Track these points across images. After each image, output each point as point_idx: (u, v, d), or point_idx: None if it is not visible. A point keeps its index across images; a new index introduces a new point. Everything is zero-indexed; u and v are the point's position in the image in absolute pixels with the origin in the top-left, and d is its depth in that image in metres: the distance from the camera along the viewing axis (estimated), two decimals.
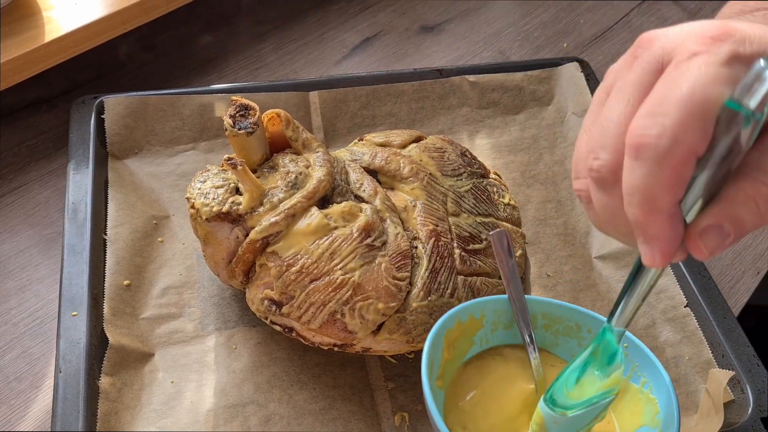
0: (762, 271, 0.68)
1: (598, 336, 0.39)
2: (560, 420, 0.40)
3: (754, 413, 0.54)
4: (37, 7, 0.70)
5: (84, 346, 0.54)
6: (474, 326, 0.49)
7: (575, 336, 0.50)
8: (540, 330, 0.50)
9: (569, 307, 0.50)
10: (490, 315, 0.49)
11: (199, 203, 0.54)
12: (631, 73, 0.31)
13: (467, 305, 0.48)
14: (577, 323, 0.50)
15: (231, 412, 0.53)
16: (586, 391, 0.39)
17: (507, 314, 0.49)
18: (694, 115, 0.28)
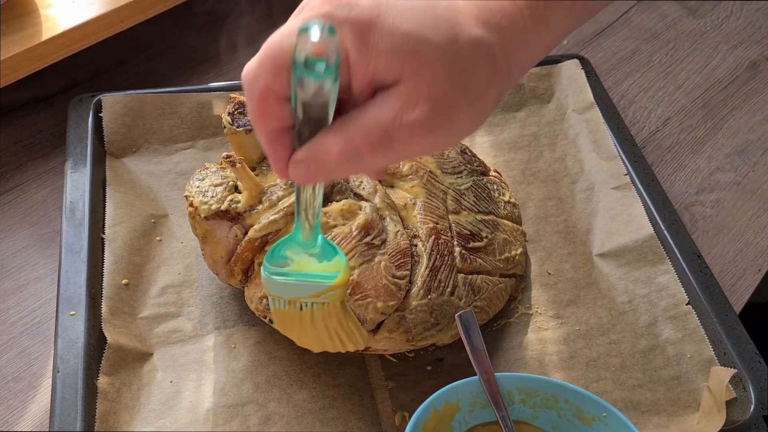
0: (763, 268, 0.68)
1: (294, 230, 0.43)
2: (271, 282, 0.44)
3: (756, 411, 0.54)
4: (34, 5, 0.69)
5: (82, 345, 0.53)
6: (451, 411, 0.49)
7: (554, 407, 0.50)
8: (518, 405, 0.50)
9: (543, 380, 0.50)
10: (466, 397, 0.49)
11: (197, 201, 0.54)
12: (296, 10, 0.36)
13: (440, 393, 0.48)
14: (553, 395, 0.50)
15: (230, 412, 0.53)
16: (302, 267, 0.44)
17: (482, 394, 0.49)
18: (266, 58, 0.33)
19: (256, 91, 0.34)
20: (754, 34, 0.90)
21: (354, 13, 0.33)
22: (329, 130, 0.35)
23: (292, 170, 0.36)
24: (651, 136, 0.78)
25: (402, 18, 0.33)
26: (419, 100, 0.33)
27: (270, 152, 0.36)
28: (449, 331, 0.55)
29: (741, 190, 0.74)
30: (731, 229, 0.71)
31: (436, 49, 0.33)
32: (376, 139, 0.34)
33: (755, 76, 0.85)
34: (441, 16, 0.34)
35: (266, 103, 0.34)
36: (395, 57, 0.33)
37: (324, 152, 0.35)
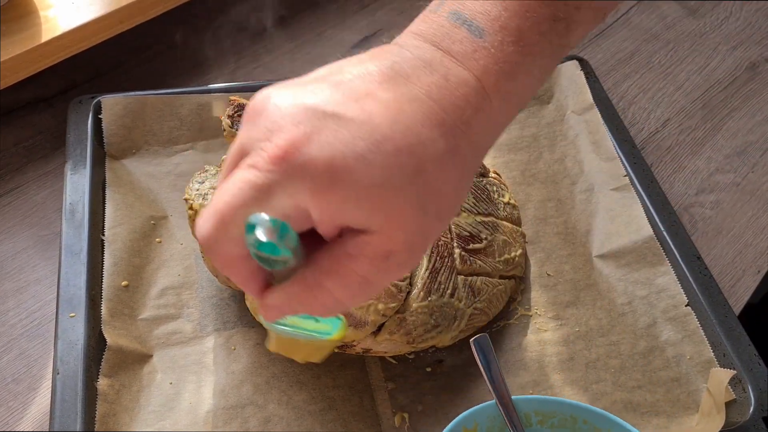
0: (763, 269, 0.68)
1: None
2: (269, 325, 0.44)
3: (756, 412, 0.54)
4: (34, 7, 0.69)
5: (82, 347, 0.53)
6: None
7: (571, 428, 0.50)
8: (535, 426, 0.50)
9: (561, 401, 0.50)
10: (483, 422, 0.49)
11: (197, 204, 0.54)
12: (232, 147, 0.34)
13: (459, 420, 0.48)
14: (571, 415, 0.50)
15: (230, 414, 0.53)
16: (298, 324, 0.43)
17: (499, 418, 0.49)
18: (223, 229, 0.32)
19: (217, 256, 0.33)
20: (754, 34, 0.90)
21: (309, 176, 0.30)
22: (303, 281, 0.33)
23: (265, 311, 0.35)
24: (650, 137, 0.78)
25: (362, 168, 0.30)
26: (394, 247, 0.32)
27: (247, 291, 0.36)
28: (449, 332, 0.55)
29: (740, 191, 0.74)
30: (731, 230, 0.71)
31: (402, 192, 0.31)
32: (356, 291, 0.33)
33: (755, 77, 0.85)
34: (404, 149, 0.31)
35: (232, 264, 0.33)
36: (361, 212, 0.31)
37: (300, 302, 0.34)
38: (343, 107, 0.31)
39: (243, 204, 0.31)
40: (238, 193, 0.31)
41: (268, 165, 0.31)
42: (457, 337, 0.56)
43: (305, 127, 0.31)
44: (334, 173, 0.30)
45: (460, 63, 0.34)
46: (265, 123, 0.32)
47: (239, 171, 0.32)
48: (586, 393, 0.56)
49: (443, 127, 0.32)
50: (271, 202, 0.31)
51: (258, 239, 0.30)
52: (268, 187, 0.31)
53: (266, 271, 0.35)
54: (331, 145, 0.30)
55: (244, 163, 0.32)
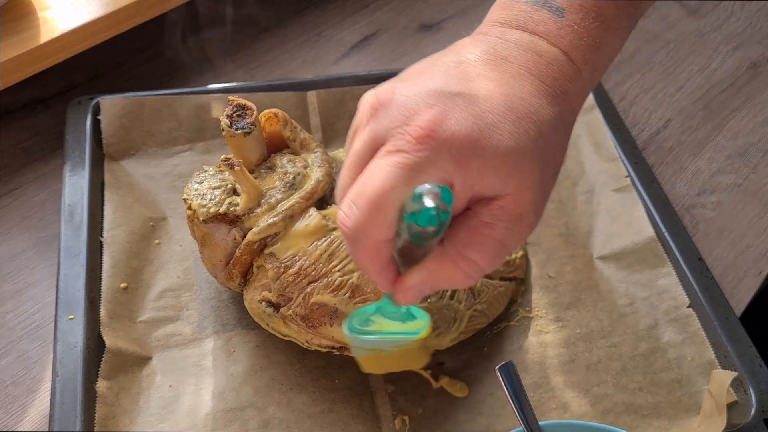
0: (764, 271, 0.68)
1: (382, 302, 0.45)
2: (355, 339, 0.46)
3: (757, 414, 0.54)
4: (32, 8, 0.69)
5: (81, 349, 0.53)
6: None
7: None
8: None
9: (588, 425, 0.49)
10: None
11: (196, 204, 0.53)
12: (358, 141, 0.36)
13: None
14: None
15: (229, 416, 0.53)
16: (385, 327, 0.46)
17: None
18: (378, 214, 0.33)
19: (365, 243, 0.35)
20: (755, 34, 0.89)
21: (455, 150, 0.33)
22: (444, 256, 0.35)
23: (404, 294, 0.37)
24: (652, 137, 0.78)
25: (497, 136, 0.33)
26: (525, 210, 0.35)
27: (380, 282, 0.38)
28: (449, 334, 0.55)
29: (742, 192, 0.74)
30: (732, 231, 0.70)
31: (532, 157, 0.34)
32: (495, 255, 0.36)
33: (756, 77, 0.85)
34: (524, 117, 0.34)
35: (377, 251, 0.35)
36: (498, 176, 0.34)
37: (444, 277, 0.36)
38: (465, 87, 0.34)
39: (395, 186, 0.32)
40: (388, 177, 0.33)
41: (416, 145, 0.33)
42: (457, 339, 0.56)
43: (440, 107, 0.33)
44: (475, 143, 0.33)
45: (548, 41, 0.37)
46: (398, 111, 0.34)
47: (381, 159, 0.33)
48: (587, 395, 0.56)
49: (548, 97, 0.36)
50: (421, 179, 0.33)
51: (427, 207, 0.31)
52: (418, 166, 0.33)
53: (395, 262, 0.36)
54: (466, 120, 0.33)
55: (383, 151, 0.34)
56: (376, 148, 0.35)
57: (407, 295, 0.37)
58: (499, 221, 0.35)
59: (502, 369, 0.49)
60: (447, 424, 0.54)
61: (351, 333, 0.46)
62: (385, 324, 0.46)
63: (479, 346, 0.59)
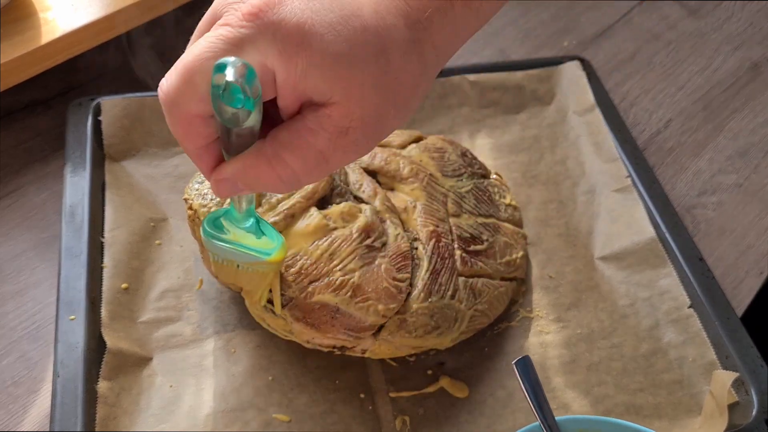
0: (765, 271, 0.68)
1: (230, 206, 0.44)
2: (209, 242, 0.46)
3: (759, 415, 0.54)
4: (33, 9, 0.69)
5: (82, 350, 0.53)
6: None
7: None
8: None
9: (606, 421, 0.49)
10: None
11: (196, 204, 0.53)
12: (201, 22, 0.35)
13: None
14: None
15: (230, 417, 0.53)
16: (239, 239, 0.45)
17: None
18: (188, 83, 0.32)
19: (178, 113, 0.33)
20: (756, 35, 0.89)
21: (280, 35, 0.31)
22: (260, 152, 0.34)
23: (217, 185, 0.36)
24: (652, 138, 0.78)
25: (330, 36, 0.32)
26: (351, 122, 0.33)
27: (199, 166, 0.36)
28: (450, 334, 0.55)
29: (743, 192, 0.74)
30: (733, 232, 0.70)
31: (365, 67, 0.33)
32: (312, 164, 0.34)
33: (756, 78, 0.85)
34: (370, 29, 0.33)
35: (190, 125, 0.34)
36: (325, 79, 0.32)
37: (256, 174, 0.34)
38: None
39: (213, 56, 0.31)
40: (208, 47, 0.32)
41: (241, 21, 0.32)
42: (458, 338, 0.56)
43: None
44: (303, 36, 0.31)
45: None
46: None
47: (209, 32, 0.33)
48: (588, 396, 0.56)
49: (407, 19, 0.34)
50: (239, 56, 0.31)
51: (226, 80, 0.30)
52: (239, 41, 0.31)
53: (219, 149, 0.35)
54: (302, 11, 0.32)
55: (216, 25, 0.33)
56: (211, 24, 0.34)
57: (220, 187, 0.36)
58: (323, 130, 0.33)
59: (518, 363, 0.48)
60: (448, 425, 0.54)
61: (205, 236, 0.45)
62: (239, 234, 0.45)
63: (480, 346, 0.59)
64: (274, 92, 0.33)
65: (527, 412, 0.55)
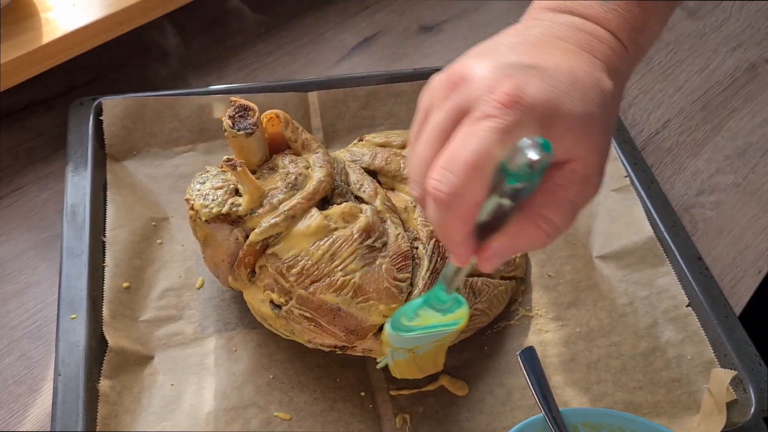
0: (763, 270, 0.68)
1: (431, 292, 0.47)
2: (398, 338, 0.48)
3: (757, 413, 0.54)
4: (35, 9, 0.69)
5: (83, 348, 0.53)
6: None
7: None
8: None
9: (610, 413, 0.49)
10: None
11: (198, 205, 0.54)
12: (438, 114, 0.38)
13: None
14: (620, 427, 0.49)
15: (231, 415, 0.53)
16: (427, 321, 0.48)
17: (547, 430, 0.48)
18: (475, 176, 0.35)
19: (460, 206, 0.36)
20: (754, 35, 0.90)
21: (538, 113, 0.35)
22: (525, 218, 0.38)
23: (488, 260, 0.39)
24: (651, 138, 0.78)
25: (572, 101, 0.37)
26: (593, 173, 0.38)
27: (454, 252, 0.39)
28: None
29: (741, 192, 0.74)
30: (731, 231, 0.71)
31: (599, 123, 0.38)
32: (569, 215, 0.39)
33: (754, 78, 0.85)
34: (589, 87, 0.38)
35: (469, 215, 0.37)
36: (573, 140, 0.37)
37: (526, 238, 0.38)
38: (533, 60, 0.37)
39: (491, 148, 0.35)
40: (483, 140, 0.35)
41: (505, 110, 0.35)
42: (458, 338, 0.56)
43: (518, 77, 0.36)
44: (555, 108, 0.36)
45: (598, 23, 0.41)
46: (480, 83, 0.37)
47: (470, 126, 0.36)
48: (587, 394, 0.56)
49: (605, 71, 0.40)
50: (513, 141, 0.35)
51: (531, 159, 0.34)
52: (509, 128, 0.35)
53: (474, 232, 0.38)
54: (543, 88, 0.36)
55: (470, 119, 0.36)
56: (459, 119, 0.37)
57: (492, 261, 0.39)
58: (572, 183, 0.38)
59: (523, 354, 0.49)
60: (447, 423, 0.54)
61: (395, 331, 0.47)
62: (428, 317, 0.47)
63: (479, 344, 0.59)
64: None
65: (527, 409, 0.55)
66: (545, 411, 0.47)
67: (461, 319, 0.47)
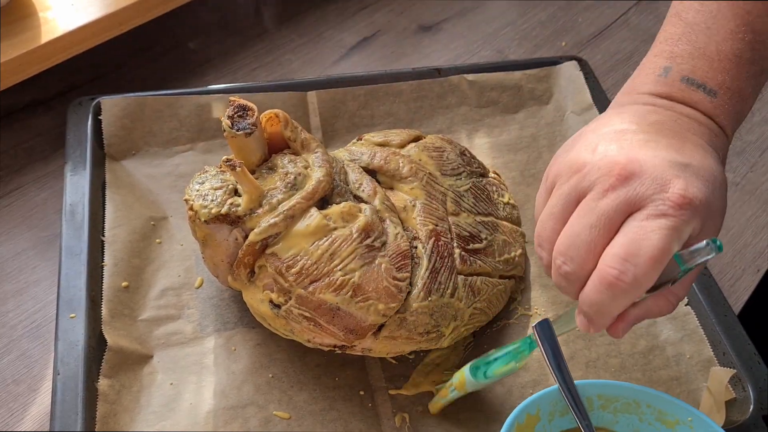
0: (762, 269, 0.68)
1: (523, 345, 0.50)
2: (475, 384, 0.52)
3: (756, 411, 0.54)
4: (33, 9, 0.69)
5: (82, 348, 0.53)
6: (531, 423, 0.48)
7: (635, 412, 0.49)
8: (597, 411, 0.49)
9: (624, 385, 0.49)
10: (546, 408, 0.48)
11: (197, 205, 0.54)
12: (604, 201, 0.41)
13: (523, 407, 0.48)
14: (635, 400, 0.49)
15: (231, 414, 0.53)
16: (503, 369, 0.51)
17: (561, 402, 0.48)
18: (655, 268, 0.40)
19: (634, 294, 0.41)
20: None
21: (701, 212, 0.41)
22: (666, 294, 0.44)
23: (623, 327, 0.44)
24: None
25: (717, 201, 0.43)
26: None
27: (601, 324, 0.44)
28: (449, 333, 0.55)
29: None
30: (730, 230, 0.71)
31: (724, 209, 0.44)
32: (689, 288, 0.46)
33: None
34: (723, 184, 0.43)
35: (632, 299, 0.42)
36: (714, 232, 0.43)
37: (657, 311, 0.44)
38: (687, 159, 0.42)
39: (670, 245, 0.40)
40: (663, 238, 0.40)
41: (679, 210, 0.40)
42: (457, 337, 0.56)
43: (684, 177, 0.41)
44: (710, 206, 0.42)
45: (710, 117, 0.46)
46: (652, 180, 0.41)
47: (647, 222, 0.40)
48: None
49: (721, 165, 0.45)
50: (682, 238, 0.41)
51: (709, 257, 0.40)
52: (682, 226, 0.40)
53: None
54: (702, 189, 0.41)
55: (643, 214, 0.40)
56: (628, 212, 0.41)
57: (625, 327, 0.44)
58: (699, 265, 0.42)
59: (539, 326, 0.49)
60: (446, 422, 0.54)
61: (475, 379, 0.51)
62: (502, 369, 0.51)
63: (479, 343, 0.59)
64: None
65: None
66: (560, 382, 0.47)
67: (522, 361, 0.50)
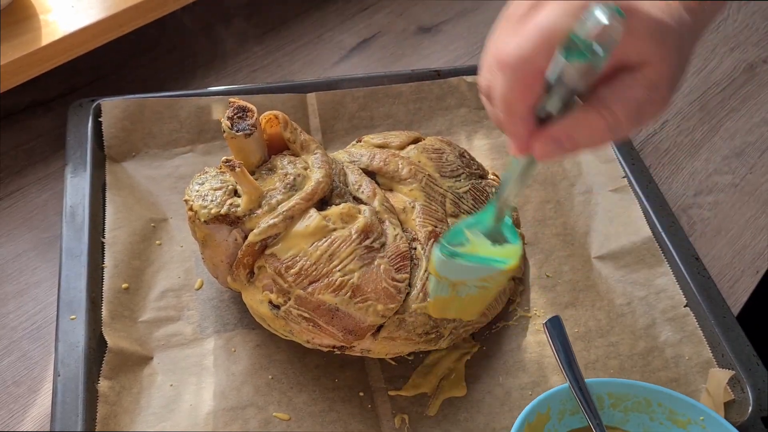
0: (761, 270, 0.68)
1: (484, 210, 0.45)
2: (446, 263, 0.46)
3: (755, 412, 0.54)
4: (34, 10, 0.69)
5: (82, 349, 0.53)
6: (542, 422, 0.48)
7: (645, 411, 0.49)
8: (607, 409, 0.49)
9: (635, 384, 0.49)
10: (556, 406, 0.48)
11: (197, 205, 0.54)
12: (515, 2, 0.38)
13: (533, 406, 0.47)
14: (645, 398, 0.49)
15: (230, 415, 0.53)
16: (477, 249, 0.45)
17: (571, 401, 0.48)
18: (542, 40, 0.36)
19: (524, 72, 0.36)
20: (752, 36, 0.90)
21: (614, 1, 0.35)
22: (590, 106, 0.38)
23: (542, 146, 0.38)
24: (649, 138, 0.79)
25: (649, 6, 0.37)
26: (663, 84, 0.38)
27: (515, 131, 0.39)
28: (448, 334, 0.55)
29: (739, 192, 0.74)
30: (729, 231, 0.71)
31: (674, 38, 0.38)
32: (633, 114, 0.38)
33: (752, 79, 0.85)
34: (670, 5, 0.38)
35: (532, 84, 0.37)
36: (648, 42, 0.37)
37: (586, 127, 0.38)
38: None
39: (561, 18, 0.35)
40: (553, 11, 0.36)
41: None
42: (456, 338, 0.57)
43: None
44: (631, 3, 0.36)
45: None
46: None
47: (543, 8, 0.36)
48: None
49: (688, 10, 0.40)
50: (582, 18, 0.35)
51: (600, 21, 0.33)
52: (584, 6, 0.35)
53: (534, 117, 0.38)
54: None
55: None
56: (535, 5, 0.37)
57: (548, 148, 0.38)
58: (640, 85, 0.38)
59: (549, 323, 0.48)
60: (446, 423, 0.54)
61: (441, 252, 0.45)
62: (477, 244, 0.45)
63: (478, 345, 0.59)
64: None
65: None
66: (570, 380, 0.47)
67: (511, 258, 0.45)
